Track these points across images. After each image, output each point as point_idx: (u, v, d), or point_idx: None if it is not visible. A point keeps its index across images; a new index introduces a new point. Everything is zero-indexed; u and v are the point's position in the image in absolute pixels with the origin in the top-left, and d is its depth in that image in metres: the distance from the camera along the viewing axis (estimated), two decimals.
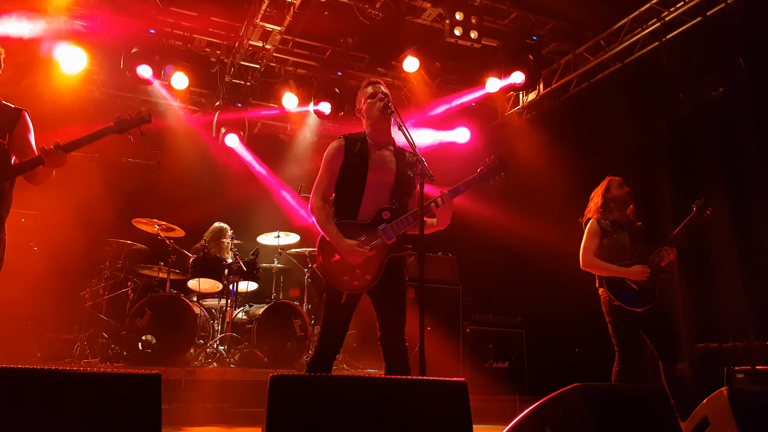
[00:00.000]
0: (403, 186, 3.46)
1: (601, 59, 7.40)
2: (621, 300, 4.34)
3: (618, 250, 4.50)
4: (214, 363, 6.40)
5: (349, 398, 2.15)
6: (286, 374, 2.12)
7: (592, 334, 7.07)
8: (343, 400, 2.14)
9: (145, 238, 6.91)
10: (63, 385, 1.89)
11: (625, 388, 3.40)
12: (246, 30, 7.34)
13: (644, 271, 4.34)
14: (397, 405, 2.22)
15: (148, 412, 1.95)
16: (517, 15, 7.40)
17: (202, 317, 6.61)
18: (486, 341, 7.37)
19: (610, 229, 4.56)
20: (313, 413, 2.06)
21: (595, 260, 4.52)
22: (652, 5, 6.60)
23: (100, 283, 6.68)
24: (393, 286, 3.34)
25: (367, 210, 3.36)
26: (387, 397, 2.21)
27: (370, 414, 2.15)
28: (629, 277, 4.39)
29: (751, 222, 5.59)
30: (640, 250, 4.45)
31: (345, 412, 2.13)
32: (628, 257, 4.45)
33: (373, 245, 3.27)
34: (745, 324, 5.61)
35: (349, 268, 3.26)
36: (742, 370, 4.87)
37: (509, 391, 6.97)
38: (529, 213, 8.33)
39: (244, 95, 8.56)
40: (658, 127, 6.89)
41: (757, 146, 5.87)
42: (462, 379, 2.35)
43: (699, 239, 5.63)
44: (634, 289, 4.37)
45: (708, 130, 6.38)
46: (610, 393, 2.44)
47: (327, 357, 3.31)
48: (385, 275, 3.29)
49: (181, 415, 5.28)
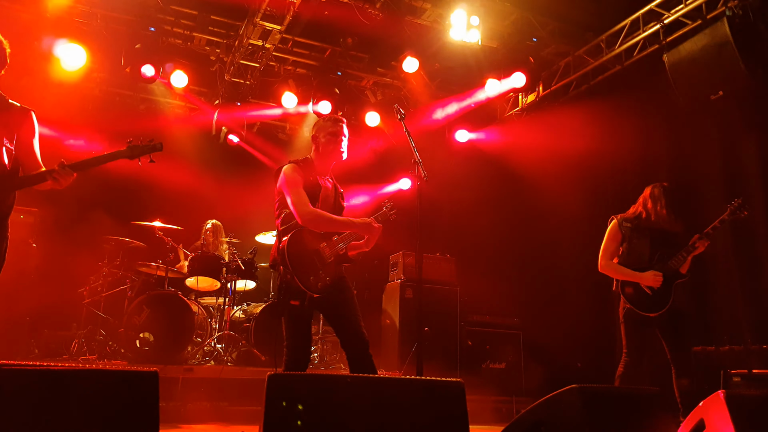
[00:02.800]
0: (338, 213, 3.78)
1: (600, 61, 7.41)
2: (633, 304, 4.35)
3: (637, 254, 4.49)
4: (211, 361, 6.41)
5: (347, 397, 2.16)
6: (284, 373, 2.12)
7: (590, 336, 7.12)
8: (340, 399, 2.15)
9: (144, 236, 6.91)
10: (60, 382, 1.90)
11: (622, 390, 3.42)
12: (246, 29, 7.35)
13: (656, 276, 4.34)
14: (393, 404, 2.22)
15: (145, 409, 1.95)
16: (517, 16, 7.40)
17: (199, 315, 6.61)
18: (483, 342, 7.38)
19: (631, 233, 4.53)
20: (310, 412, 2.06)
21: (611, 264, 4.52)
22: (653, 8, 6.60)
23: (98, 280, 6.67)
24: (342, 289, 3.60)
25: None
26: (384, 397, 2.22)
27: (367, 413, 2.16)
28: (642, 281, 4.38)
29: (749, 225, 5.60)
30: (660, 254, 4.43)
31: (342, 411, 2.13)
32: (647, 262, 4.44)
33: (331, 253, 3.59)
34: (742, 328, 5.62)
35: (315, 270, 3.49)
36: (738, 373, 4.87)
37: (506, 392, 6.98)
38: (527, 215, 8.35)
39: (243, 94, 8.56)
40: (658, 130, 6.90)
41: (756, 148, 5.88)
42: (459, 380, 2.36)
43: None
44: (648, 294, 4.37)
45: (706, 132, 6.39)
46: (606, 394, 2.45)
47: (302, 367, 3.57)
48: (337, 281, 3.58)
49: (179, 412, 5.27)
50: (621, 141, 7.09)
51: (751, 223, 5.60)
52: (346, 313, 3.55)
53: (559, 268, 7.80)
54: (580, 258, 6.74)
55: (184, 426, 4.96)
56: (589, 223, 6.64)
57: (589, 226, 5.19)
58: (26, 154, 3.33)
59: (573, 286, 7.44)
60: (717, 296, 6.00)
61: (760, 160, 5.82)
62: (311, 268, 3.50)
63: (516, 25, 7.47)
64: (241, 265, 6.84)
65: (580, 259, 6.74)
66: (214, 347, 6.56)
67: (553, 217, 7.90)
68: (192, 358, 6.40)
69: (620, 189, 6.88)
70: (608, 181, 7.26)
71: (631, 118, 7.07)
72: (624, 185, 6.78)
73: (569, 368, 7.05)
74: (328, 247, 3.58)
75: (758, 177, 5.81)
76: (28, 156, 3.34)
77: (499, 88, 7.88)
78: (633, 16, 6.87)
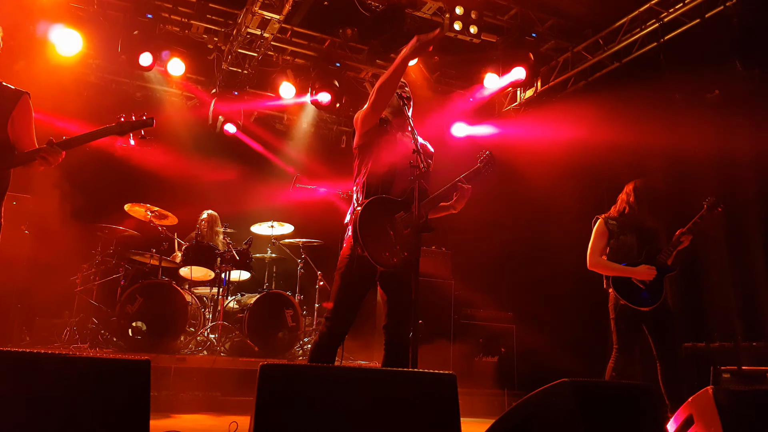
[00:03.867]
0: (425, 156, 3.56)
1: (599, 58, 7.41)
2: (628, 300, 4.36)
3: (625, 250, 4.50)
4: (204, 351, 6.40)
5: (339, 389, 2.16)
6: (277, 363, 2.12)
7: (582, 331, 7.15)
8: (332, 390, 2.15)
9: (138, 225, 6.89)
10: (52, 369, 1.89)
11: (613, 384, 3.43)
12: (244, 17, 7.30)
13: (650, 270, 4.36)
14: (386, 396, 2.22)
15: (136, 398, 1.95)
16: (517, 11, 7.40)
17: (193, 305, 6.60)
18: (476, 335, 7.41)
19: (617, 230, 4.56)
20: (303, 403, 2.07)
21: (601, 260, 4.53)
22: (652, 5, 6.60)
23: (91, 268, 6.66)
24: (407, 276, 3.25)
25: (398, 189, 3.42)
26: (376, 389, 2.22)
27: (359, 405, 2.16)
28: (635, 276, 4.40)
29: (740, 223, 5.62)
30: (647, 249, 4.46)
31: (334, 402, 2.14)
32: (635, 257, 4.46)
33: (408, 223, 3.30)
34: (733, 325, 5.65)
35: (391, 245, 3.26)
36: (728, 370, 4.91)
37: (498, 386, 7.02)
38: (523, 210, 8.36)
39: (241, 83, 8.52)
40: (655, 127, 6.90)
41: (750, 148, 5.89)
42: (451, 372, 2.36)
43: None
44: (641, 289, 4.39)
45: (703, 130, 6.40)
46: (597, 388, 2.45)
47: (333, 344, 3.27)
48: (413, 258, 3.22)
49: (170, 402, 5.27)
50: (618, 137, 7.09)
51: (743, 220, 5.63)
52: (403, 300, 3.33)
53: (553, 262, 7.81)
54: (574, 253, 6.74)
55: (175, 415, 4.96)
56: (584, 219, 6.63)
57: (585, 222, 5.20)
58: (21, 137, 3.32)
59: (567, 281, 7.46)
60: (708, 293, 6.04)
61: (755, 158, 5.84)
62: (388, 245, 3.27)
63: (515, 20, 7.47)
64: (236, 255, 6.83)
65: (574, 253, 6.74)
66: (207, 337, 6.56)
67: (549, 211, 7.91)
68: (185, 348, 6.39)
69: (616, 184, 6.86)
70: (604, 177, 7.27)
71: (628, 115, 7.07)
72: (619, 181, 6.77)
73: (561, 362, 7.08)
74: (407, 216, 3.32)
75: (752, 174, 5.83)
76: (23, 138, 3.33)
77: (498, 83, 7.87)
78: (632, 14, 6.87)
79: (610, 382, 3.99)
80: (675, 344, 4.43)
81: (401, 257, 3.26)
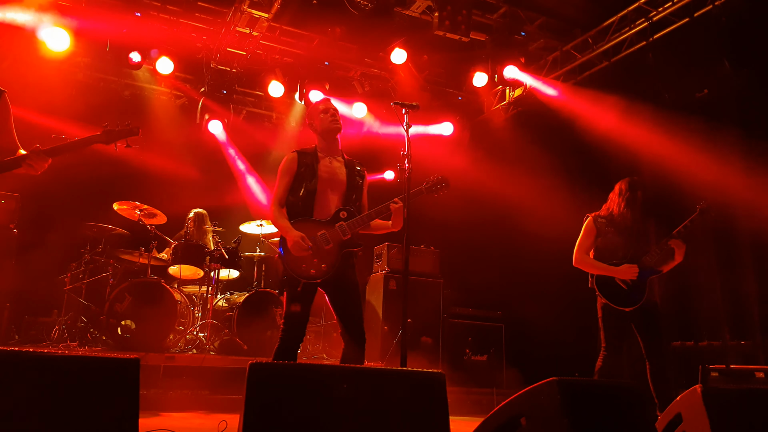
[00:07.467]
0: (353, 192, 3.89)
1: (588, 57, 7.44)
2: (609, 299, 4.37)
3: (611, 249, 4.51)
4: (193, 349, 6.39)
5: (328, 387, 2.17)
6: (266, 362, 2.12)
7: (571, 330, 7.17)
8: (321, 388, 2.15)
9: (126, 223, 6.85)
10: (40, 368, 1.88)
11: (601, 383, 3.45)
12: (233, 16, 7.27)
13: (632, 270, 4.37)
14: (374, 394, 2.23)
15: (126, 396, 1.94)
16: (506, 10, 7.41)
17: (182, 303, 6.58)
18: (465, 334, 7.43)
19: (605, 228, 4.57)
20: (292, 401, 2.07)
21: (586, 258, 4.54)
22: (641, 5, 6.64)
23: (80, 267, 6.62)
24: (345, 280, 3.69)
25: (323, 211, 3.75)
26: (365, 387, 2.23)
27: (348, 403, 2.16)
28: (617, 276, 4.41)
29: (729, 221, 5.66)
30: (634, 250, 4.47)
31: (323, 400, 2.14)
32: (621, 257, 4.47)
33: (330, 239, 3.64)
34: (721, 323, 5.69)
35: (308, 258, 3.59)
36: (716, 368, 4.94)
37: (487, 384, 7.03)
38: (511, 208, 8.37)
39: (229, 82, 8.48)
40: (643, 126, 6.94)
41: (739, 147, 5.94)
42: (440, 371, 2.37)
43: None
44: (623, 288, 4.39)
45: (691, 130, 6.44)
46: (585, 387, 2.46)
47: (291, 346, 3.56)
48: (338, 269, 3.64)
49: (160, 400, 5.25)
50: (607, 136, 7.13)
51: (731, 221, 5.67)
52: (347, 305, 3.68)
53: (541, 261, 7.83)
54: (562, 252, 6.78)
55: (164, 414, 4.94)
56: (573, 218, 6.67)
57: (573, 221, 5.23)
58: (1, 134, 3.29)
59: (555, 280, 7.48)
60: (696, 292, 6.08)
61: (743, 157, 5.88)
62: (305, 257, 3.59)
63: (504, 18, 7.48)
64: (225, 253, 6.81)
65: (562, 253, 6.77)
66: (197, 336, 6.54)
67: (537, 210, 7.93)
68: (174, 347, 6.38)
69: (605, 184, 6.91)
70: (593, 176, 7.31)
71: (617, 114, 7.11)
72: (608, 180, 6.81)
73: (551, 361, 7.11)
74: (328, 233, 3.65)
75: (741, 174, 5.87)
76: (3, 136, 3.30)
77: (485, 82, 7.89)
78: (621, 13, 6.90)
79: (598, 381, 4.00)
80: (663, 343, 4.45)
81: (319, 269, 3.59)
